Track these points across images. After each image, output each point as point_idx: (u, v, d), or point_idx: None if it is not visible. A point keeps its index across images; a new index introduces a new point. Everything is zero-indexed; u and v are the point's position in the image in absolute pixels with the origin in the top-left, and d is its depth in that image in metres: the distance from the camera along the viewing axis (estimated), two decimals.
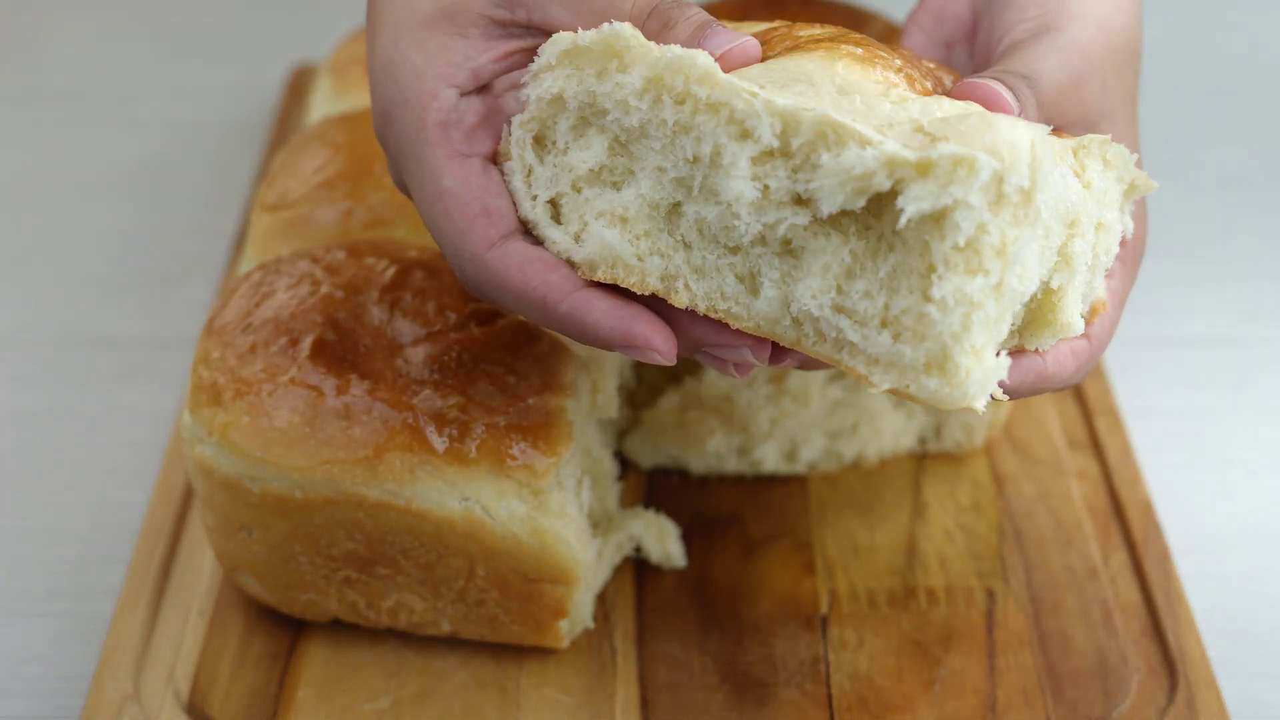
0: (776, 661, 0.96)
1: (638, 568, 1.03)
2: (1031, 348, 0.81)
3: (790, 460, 1.09)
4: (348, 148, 1.09)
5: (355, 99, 1.22)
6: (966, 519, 1.06)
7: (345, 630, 0.98)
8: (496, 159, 0.83)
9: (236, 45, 1.68)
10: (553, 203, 0.81)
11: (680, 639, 0.98)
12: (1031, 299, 0.80)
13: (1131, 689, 0.94)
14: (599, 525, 1.01)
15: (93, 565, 1.07)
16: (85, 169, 1.49)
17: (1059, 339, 0.82)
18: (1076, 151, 0.80)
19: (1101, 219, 0.81)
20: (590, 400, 0.96)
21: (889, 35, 1.25)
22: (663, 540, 1.02)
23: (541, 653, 0.97)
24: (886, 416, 1.09)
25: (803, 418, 1.07)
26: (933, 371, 0.73)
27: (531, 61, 0.81)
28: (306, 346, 0.93)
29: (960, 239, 0.71)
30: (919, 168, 0.70)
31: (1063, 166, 0.78)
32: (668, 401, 1.07)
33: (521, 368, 0.92)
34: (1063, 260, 0.79)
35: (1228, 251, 1.36)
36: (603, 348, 0.79)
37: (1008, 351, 0.80)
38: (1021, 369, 0.81)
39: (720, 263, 0.78)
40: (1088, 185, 0.80)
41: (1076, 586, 1.01)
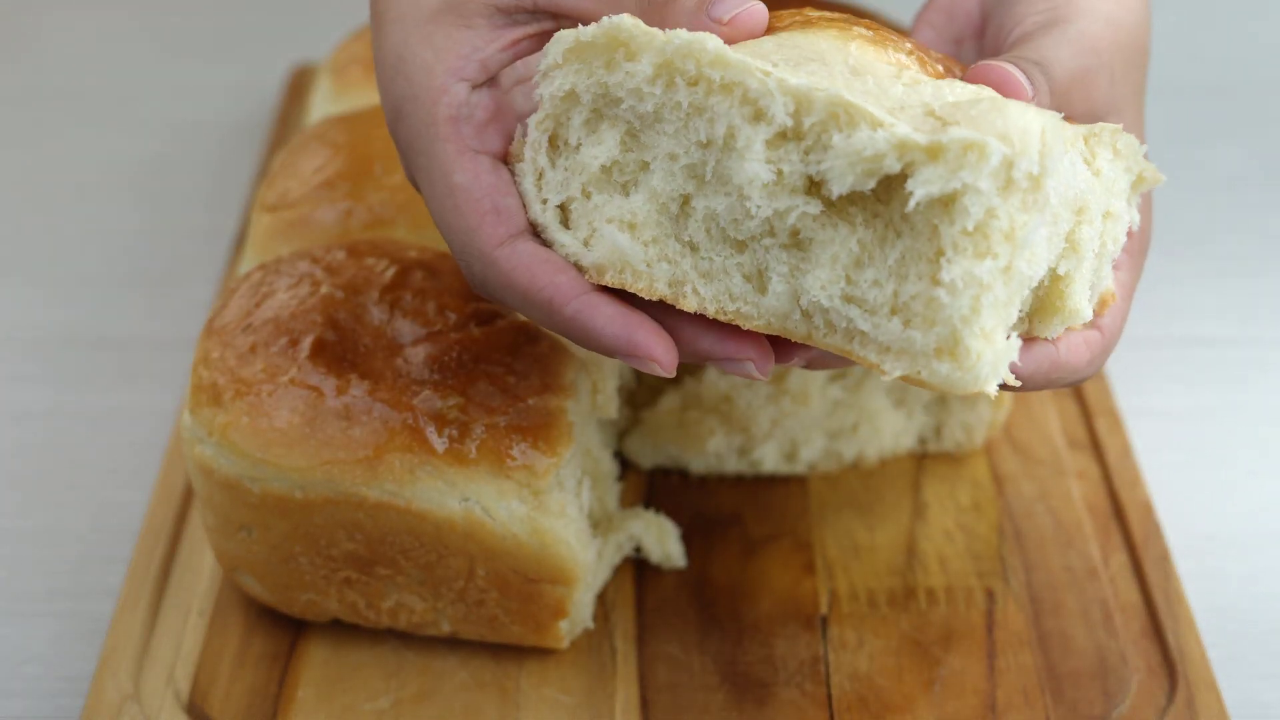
0: (776, 661, 0.96)
1: (638, 568, 1.03)
2: (1042, 336, 0.81)
3: (790, 460, 1.09)
4: (348, 148, 1.09)
5: (355, 99, 1.22)
6: (966, 519, 1.06)
7: (345, 630, 0.98)
8: (508, 159, 0.83)
9: (236, 45, 1.68)
10: (561, 208, 0.82)
11: (680, 639, 0.98)
12: (1039, 285, 0.80)
13: (1131, 689, 0.94)
14: (599, 525, 1.01)
15: (93, 565, 1.07)
16: (85, 169, 1.49)
17: (1068, 326, 0.82)
18: (1088, 139, 0.80)
19: (1110, 207, 0.81)
20: (590, 400, 0.96)
21: None
22: (663, 540, 1.02)
23: (541, 653, 0.97)
24: (886, 416, 1.09)
25: (803, 418, 1.07)
26: (944, 356, 0.73)
27: (538, 48, 0.82)
28: (306, 347, 0.93)
29: (969, 223, 0.71)
30: (929, 151, 0.71)
31: (1072, 153, 0.78)
32: (668, 402, 1.07)
33: (521, 368, 0.92)
34: (1070, 247, 0.79)
35: (1228, 251, 1.36)
36: (604, 354, 0.79)
37: (1020, 335, 0.79)
38: (1035, 356, 0.81)
39: (727, 263, 0.78)
40: (1097, 173, 0.80)
41: (1076, 586, 1.01)
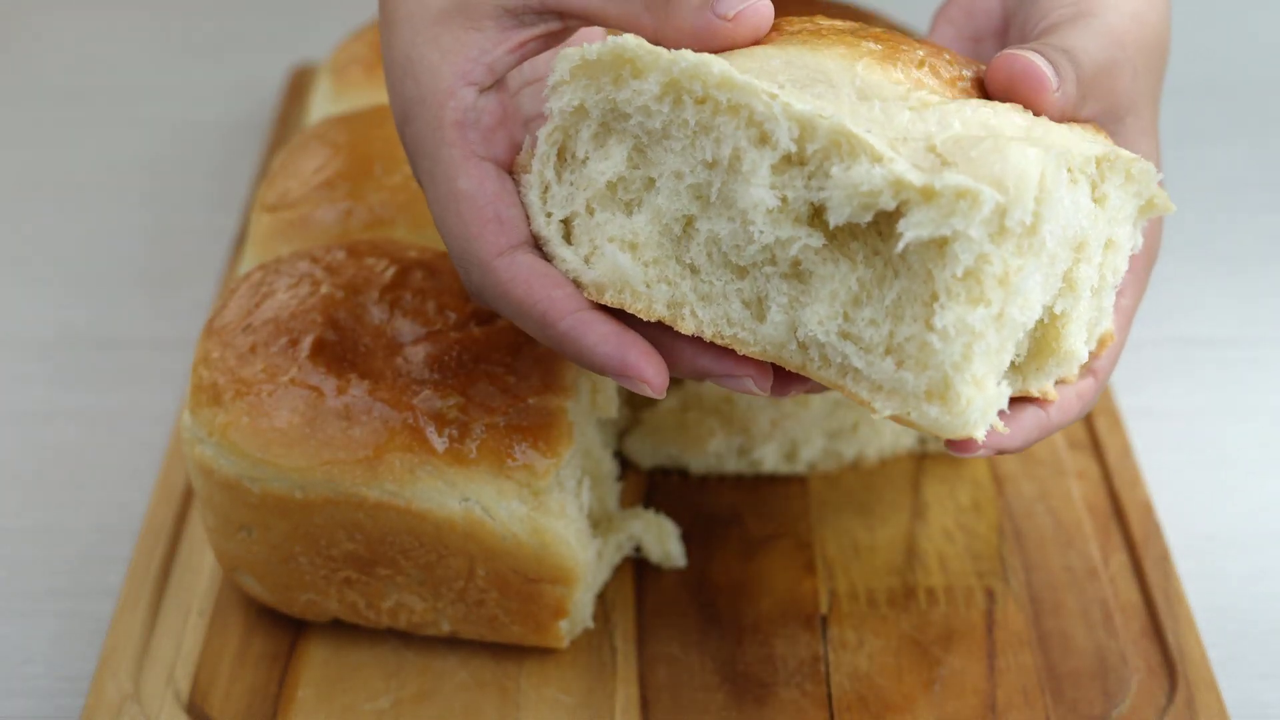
0: (776, 661, 0.96)
1: (638, 568, 1.03)
2: (1037, 382, 0.81)
3: (790, 460, 1.09)
4: (348, 148, 1.09)
5: (355, 99, 1.22)
6: (966, 519, 1.06)
7: (345, 630, 0.98)
8: (514, 170, 0.83)
9: (236, 45, 1.68)
10: (565, 222, 0.82)
11: (680, 639, 0.98)
12: (1036, 325, 0.80)
13: (1131, 689, 0.94)
14: (599, 525, 1.01)
15: (93, 565, 1.07)
16: (85, 169, 1.49)
17: (1064, 370, 0.82)
18: (1100, 162, 0.79)
19: (1112, 235, 0.81)
20: (590, 400, 0.96)
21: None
22: (663, 540, 1.02)
23: (541, 653, 0.97)
24: None
25: (803, 418, 1.07)
26: (934, 399, 0.73)
27: (545, 49, 0.82)
28: (306, 346, 0.93)
29: (960, 269, 0.71)
30: (923, 193, 0.71)
31: (1081, 183, 0.77)
32: (668, 402, 1.07)
33: (521, 368, 0.92)
34: (1068, 285, 0.79)
35: (1228, 251, 1.36)
36: (595, 371, 0.80)
37: (1010, 395, 0.79)
38: (1025, 425, 0.82)
39: (727, 288, 0.79)
40: (1102, 200, 0.79)
41: (1076, 586, 1.01)
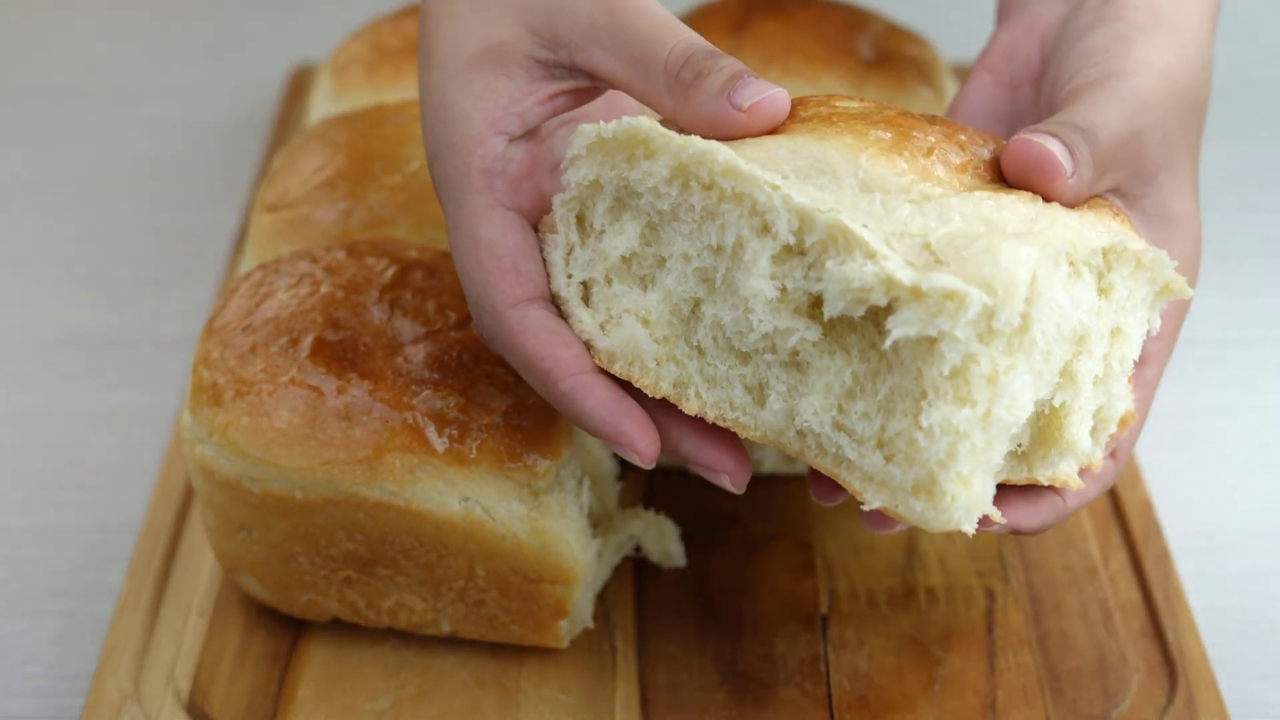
0: (776, 661, 0.96)
1: (638, 568, 1.03)
2: (1043, 470, 0.82)
3: (790, 460, 1.09)
4: (348, 148, 1.09)
5: (355, 99, 1.22)
6: None
7: (345, 630, 0.98)
8: (539, 228, 0.84)
9: (236, 45, 1.68)
10: (584, 285, 0.83)
11: (680, 639, 0.98)
12: (1038, 416, 0.80)
13: (1131, 688, 0.94)
14: (599, 525, 1.01)
15: (93, 565, 1.07)
16: (85, 169, 1.49)
17: (1069, 458, 0.82)
18: (1107, 253, 0.79)
19: (1119, 324, 0.81)
20: None
21: (890, 36, 1.25)
22: (663, 540, 1.02)
23: (541, 652, 0.97)
24: None
25: None
26: (920, 495, 0.75)
27: (575, 105, 0.84)
28: (306, 346, 0.93)
29: (946, 368, 0.72)
30: (912, 292, 0.72)
31: (1082, 279, 0.77)
32: None
33: None
34: (1067, 379, 0.79)
35: (1228, 251, 1.36)
36: (589, 433, 0.81)
37: (1021, 483, 0.81)
38: (1042, 513, 0.83)
39: (731, 373, 0.80)
40: (1107, 290, 0.79)
41: (1076, 586, 1.01)
